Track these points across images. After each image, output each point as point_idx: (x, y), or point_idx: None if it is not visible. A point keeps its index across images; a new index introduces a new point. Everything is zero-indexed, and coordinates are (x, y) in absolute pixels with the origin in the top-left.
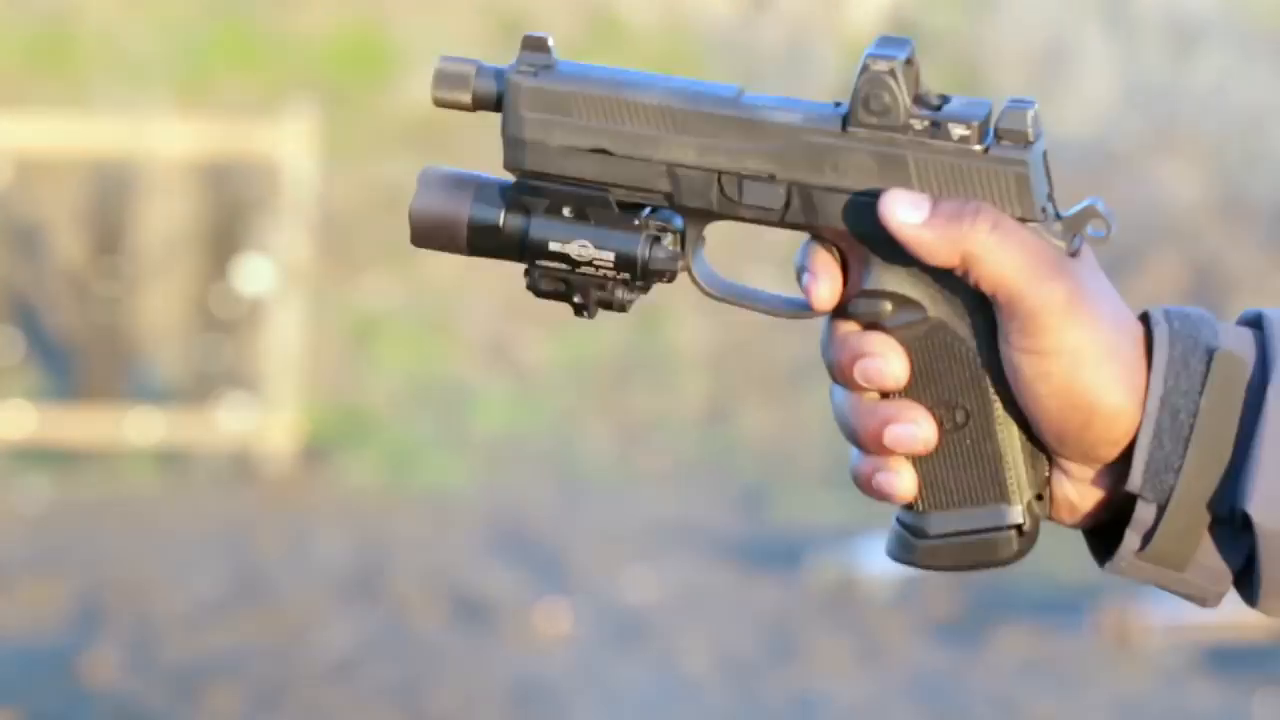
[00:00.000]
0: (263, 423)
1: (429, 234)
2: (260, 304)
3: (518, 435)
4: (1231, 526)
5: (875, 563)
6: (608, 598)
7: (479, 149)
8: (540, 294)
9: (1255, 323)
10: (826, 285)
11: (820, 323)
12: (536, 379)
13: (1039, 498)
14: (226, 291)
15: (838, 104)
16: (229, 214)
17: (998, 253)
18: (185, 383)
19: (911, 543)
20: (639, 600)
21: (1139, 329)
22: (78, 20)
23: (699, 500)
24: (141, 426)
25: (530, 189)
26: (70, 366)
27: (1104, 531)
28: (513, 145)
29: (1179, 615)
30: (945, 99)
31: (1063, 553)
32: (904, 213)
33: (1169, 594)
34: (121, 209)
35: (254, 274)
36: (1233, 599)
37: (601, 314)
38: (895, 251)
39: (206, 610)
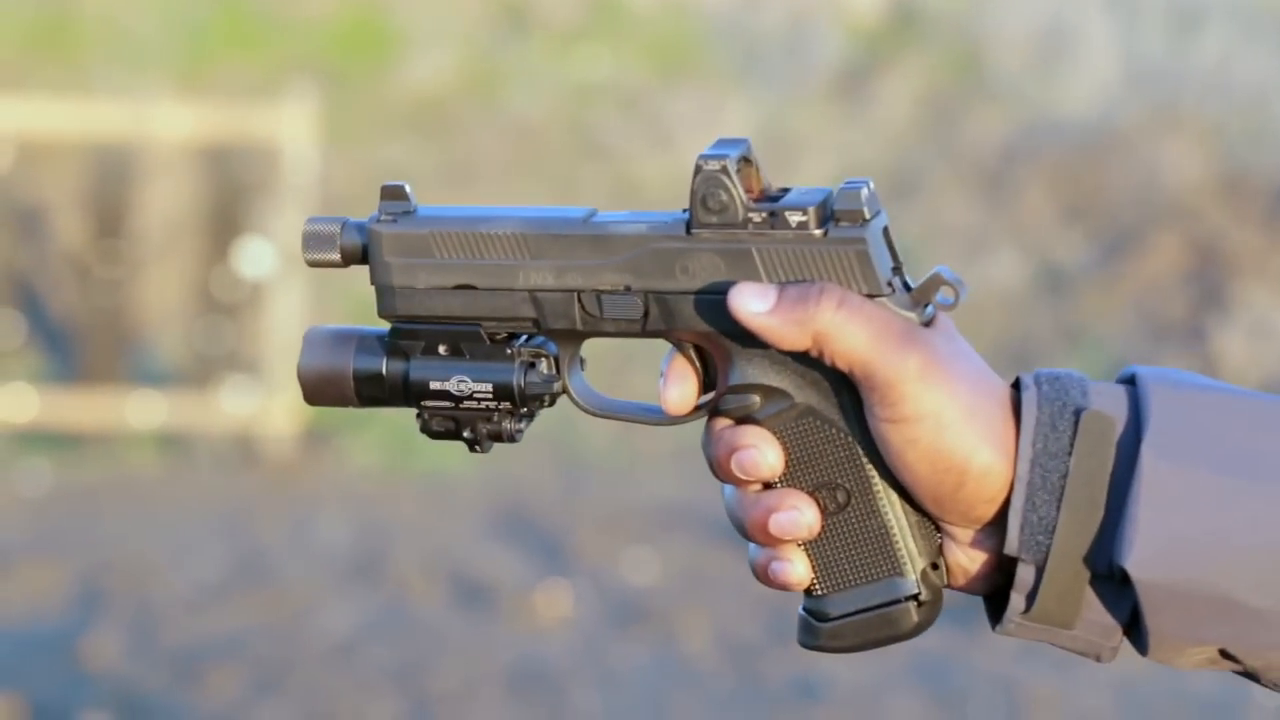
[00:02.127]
0: (264, 406)
1: (319, 390)
2: (261, 287)
3: None
4: (1112, 582)
5: None
6: (608, 580)
7: (480, 132)
8: (433, 435)
9: (1130, 380)
10: (676, 390)
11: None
12: None
13: (934, 566)
14: (228, 274)
15: (684, 210)
16: (230, 197)
17: (846, 329)
18: (186, 366)
19: (815, 627)
20: (640, 582)
21: (1003, 390)
22: (78, 3)
23: (700, 482)
24: (143, 410)
25: (406, 333)
26: (71, 350)
27: (999, 595)
28: (383, 293)
29: None
30: (785, 190)
31: None
32: (751, 304)
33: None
34: (122, 192)
35: (255, 257)
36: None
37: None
38: (754, 343)
39: (208, 593)
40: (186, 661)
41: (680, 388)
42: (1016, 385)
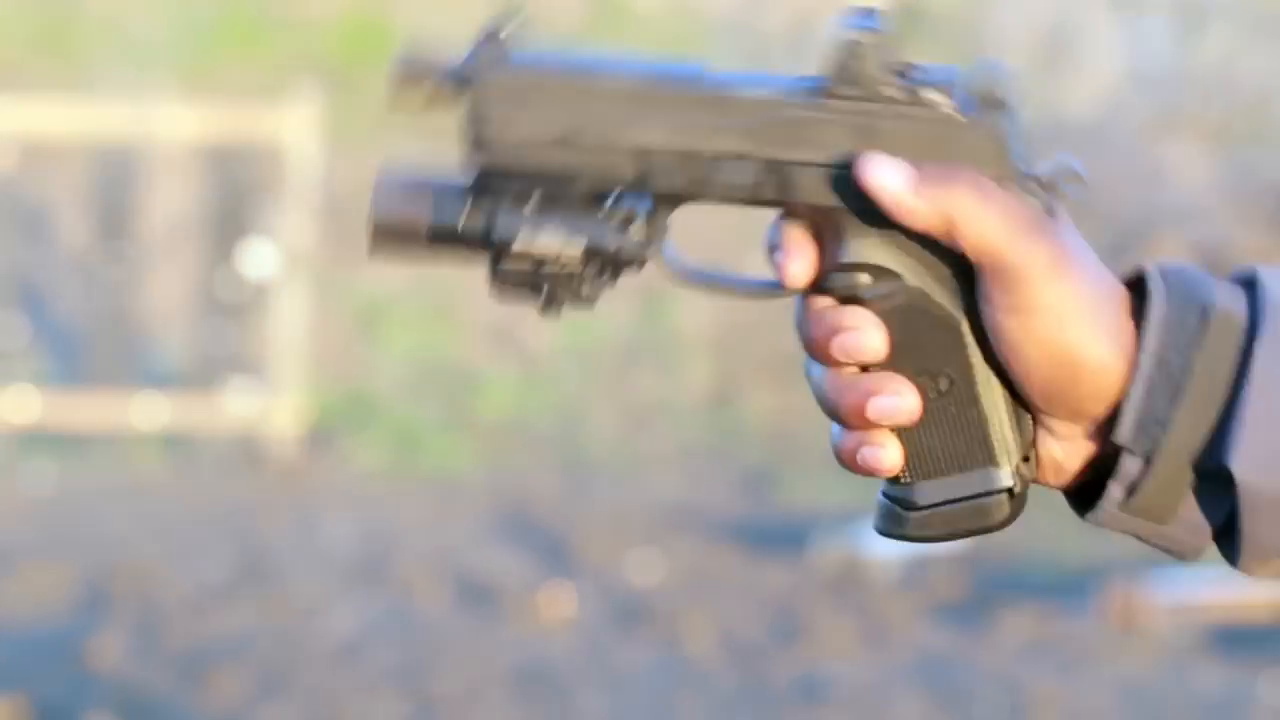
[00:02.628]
0: (268, 407)
1: (388, 241)
2: (265, 288)
3: (523, 419)
4: (1214, 483)
5: (880, 544)
6: (612, 581)
7: None
8: (506, 294)
9: (1249, 281)
10: (800, 263)
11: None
12: (542, 363)
13: (1025, 459)
14: (231, 276)
15: (811, 77)
16: (234, 198)
17: (980, 215)
18: (191, 367)
19: (901, 515)
20: (644, 583)
21: (1120, 289)
22: (82, 5)
23: (704, 483)
24: (147, 411)
25: (492, 185)
26: (75, 351)
27: (1084, 489)
28: (474, 141)
29: (1184, 596)
30: (919, 67)
31: (1068, 534)
32: (886, 177)
33: (1166, 564)
34: (126, 193)
35: (259, 258)
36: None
37: (605, 297)
38: (873, 221)
39: (212, 594)
40: (191, 662)
41: (802, 260)
42: (1140, 276)
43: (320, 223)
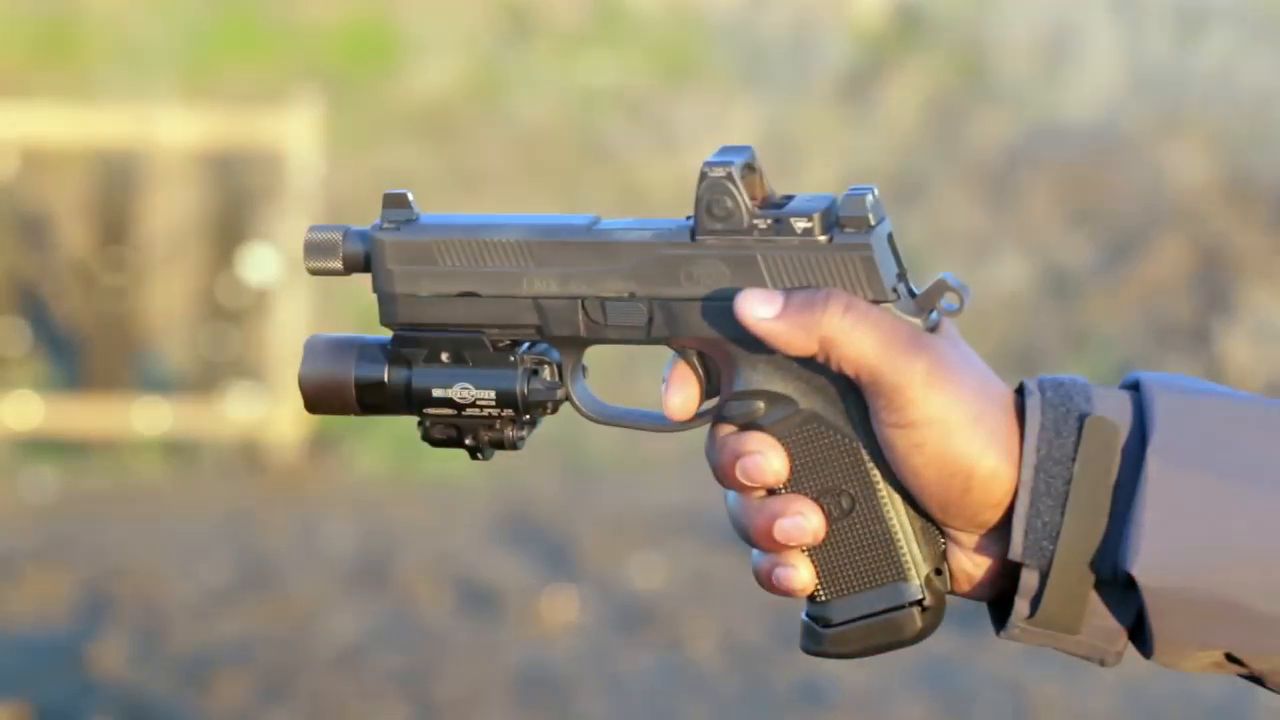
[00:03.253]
0: (269, 412)
1: (320, 399)
2: (266, 293)
3: None
4: (1116, 586)
5: None
6: (614, 585)
7: (485, 138)
8: (434, 443)
9: (1135, 386)
10: (678, 396)
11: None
12: None
13: (938, 572)
14: (233, 281)
15: (689, 217)
16: (235, 203)
17: (853, 335)
18: (192, 372)
19: (818, 633)
20: (646, 587)
21: (1007, 395)
22: (83, 10)
23: (706, 487)
24: (148, 416)
25: (409, 341)
26: (76, 357)
27: (1004, 601)
28: (385, 301)
29: None
30: (789, 198)
31: None
32: (758, 309)
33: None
34: (127, 199)
35: (260, 263)
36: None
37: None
38: (759, 349)
39: (214, 599)
40: (193, 668)
41: (682, 394)
42: (1020, 391)
43: None
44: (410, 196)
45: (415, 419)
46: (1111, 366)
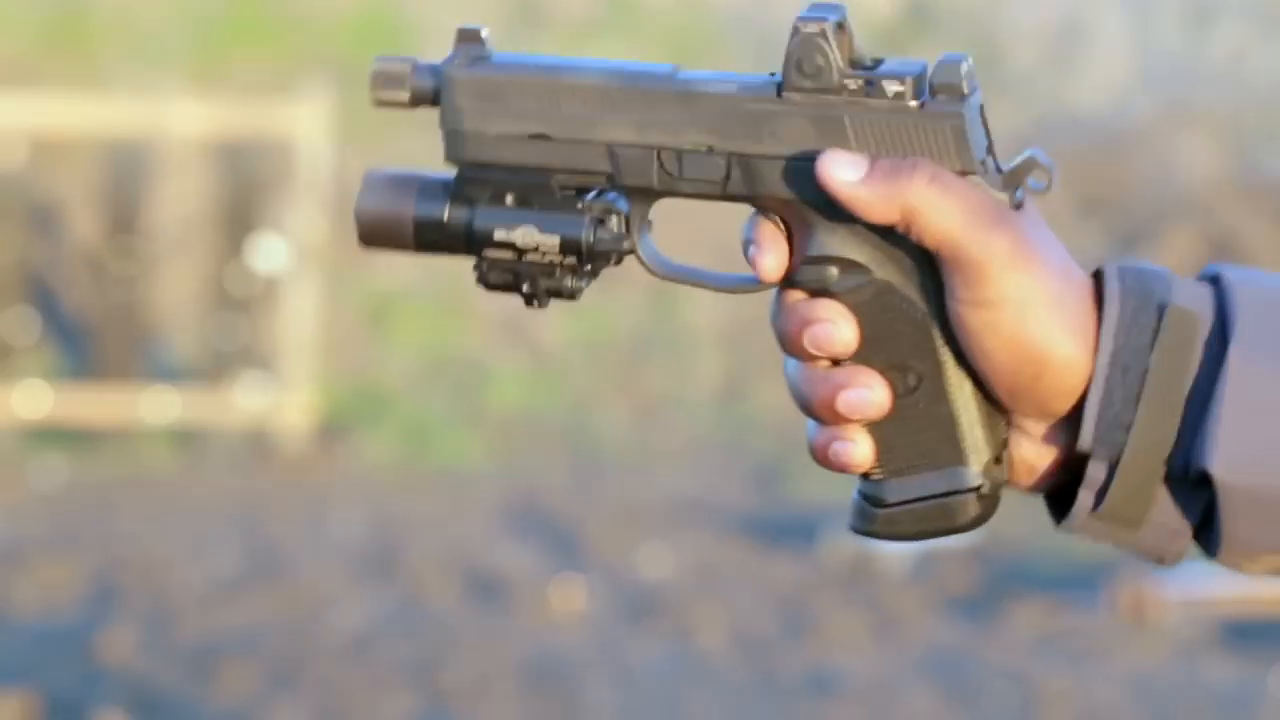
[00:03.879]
0: (278, 401)
1: (376, 233)
2: (276, 283)
3: (533, 413)
4: (1185, 484)
5: None
6: (623, 574)
7: None
8: (490, 286)
9: (1214, 278)
10: (772, 256)
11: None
12: (552, 357)
13: (997, 461)
14: (242, 270)
15: (773, 74)
16: (244, 193)
17: (937, 206)
18: (201, 362)
19: (870, 512)
20: (654, 577)
21: (1087, 282)
22: (93, 0)
23: (714, 477)
24: (157, 405)
25: (472, 180)
26: (86, 346)
27: (1061, 494)
28: (452, 138)
29: (1195, 590)
30: (880, 60)
31: None
32: (842, 172)
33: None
34: (137, 188)
35: (269, 253)
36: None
37: (616, 291)
38: (838, 214)
39: (222, 588)
40: (201, 657)
41: (775, 253)
42: (1099, 277)
43: (331, 217)
44: (485, 33)
45: (471, 263)
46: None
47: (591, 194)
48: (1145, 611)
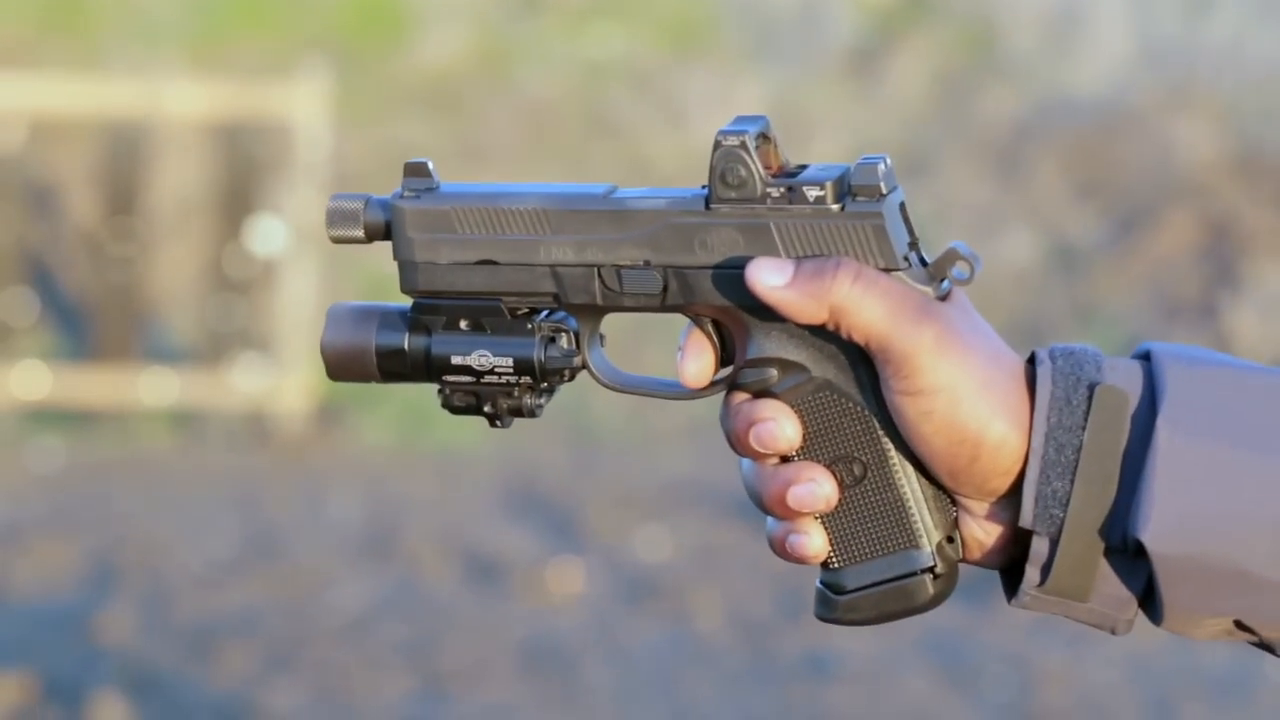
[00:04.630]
0: (276, 383)
1: (342, 366)
2: (274, 265)
3: None
4: (1127, 554)
5: None
6: (620, 557)
7: (492, 111)
8: (454, 410)
9: (1146, 356)
10: (694, 364)
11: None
12: None
13: (950, 540)
14: (240, 252)
15: (703, 187)
16: (243, 175)
17: (862, 303)
18: (199, 343)
19: (832, 599)
20: (652, 559)
21: (1018, 364)
22: None
23: (713, 459)
24: (155, 387)
25: (428, 308)
26: (84, 327)
27: (1014, 569)
28: (406, 269)
29: None
30: (802, 167)
31: None
32: (769, 277)
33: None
34: (135, 170)
35: (268, 235)
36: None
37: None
38: (772, 317)
39: (220, 570)
40: (199, 638)
41: (698, 362)
42: (1031, 360)
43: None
44: (430, 165)
45: (434, 388)
46: (1119, 341)
47: (542, 314)
48: None
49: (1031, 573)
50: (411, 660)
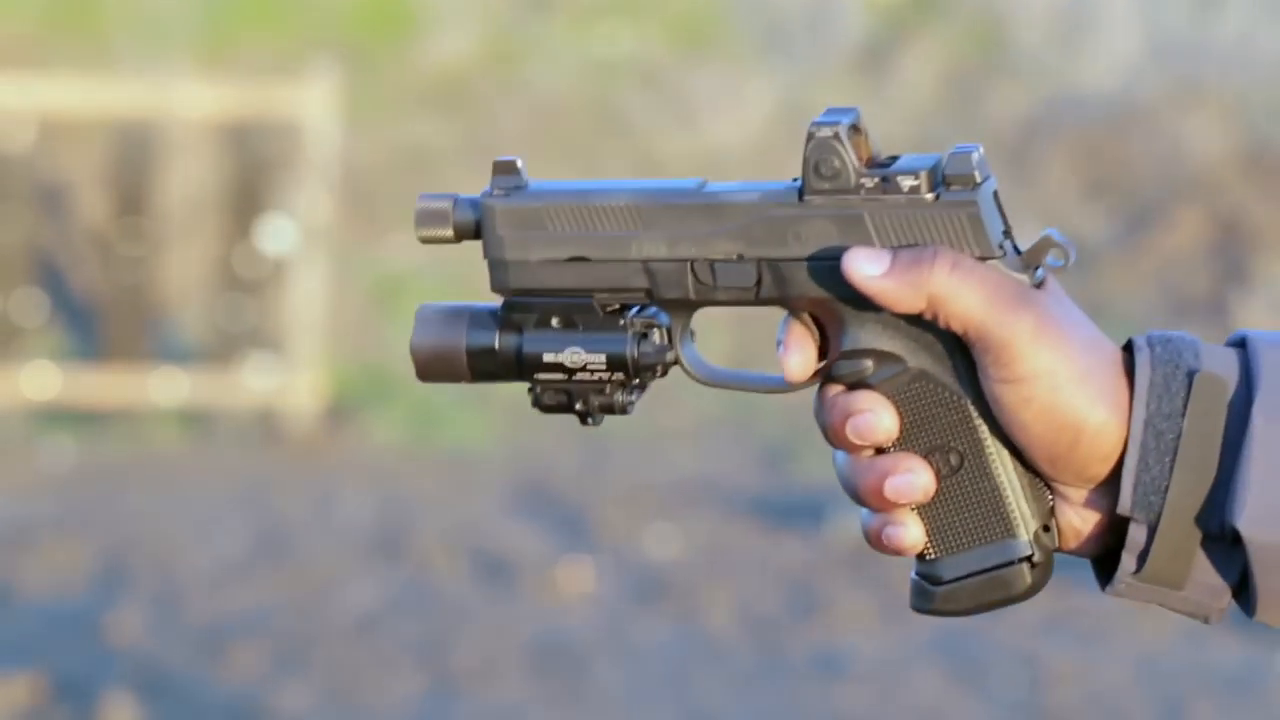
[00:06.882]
0: (286, 382)
1: (432, 367)
2: (283, 264)
3: None
4: (1223, 542)
5: None
6: (630, 555)
7: (502, 109)
8: (545, 408)
9: (1241, 344)
10: (797, 357)
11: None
12: None
13: (1046, 529)
14: (250, 252)
15: (795, 179)
16: (252, 174)
17: (960, 291)
18: (209, 343)
19: (929, 590)
20: (662, 558)
21: (1115, 351)
22: None
23: (722, 458)
24: (166, 386)
25: (519, 307)
26: (94, 327)
27: (1107, 559)
28: (496, 267)
29: None
30: (894, 158)
31: None
32: (866, 267)
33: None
34: (145, 170)
35: (277, 234)
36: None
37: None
38: (867, 308)
39: (230, 569)
40: (209, 637)
41: (801, 354)
42: (1128, 348)
43: (338, 198)
44: (519, 163)
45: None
46: (1128, 338)
47: (634, 310)
48: None
49: (1128, 560)
50: (422, 659)
